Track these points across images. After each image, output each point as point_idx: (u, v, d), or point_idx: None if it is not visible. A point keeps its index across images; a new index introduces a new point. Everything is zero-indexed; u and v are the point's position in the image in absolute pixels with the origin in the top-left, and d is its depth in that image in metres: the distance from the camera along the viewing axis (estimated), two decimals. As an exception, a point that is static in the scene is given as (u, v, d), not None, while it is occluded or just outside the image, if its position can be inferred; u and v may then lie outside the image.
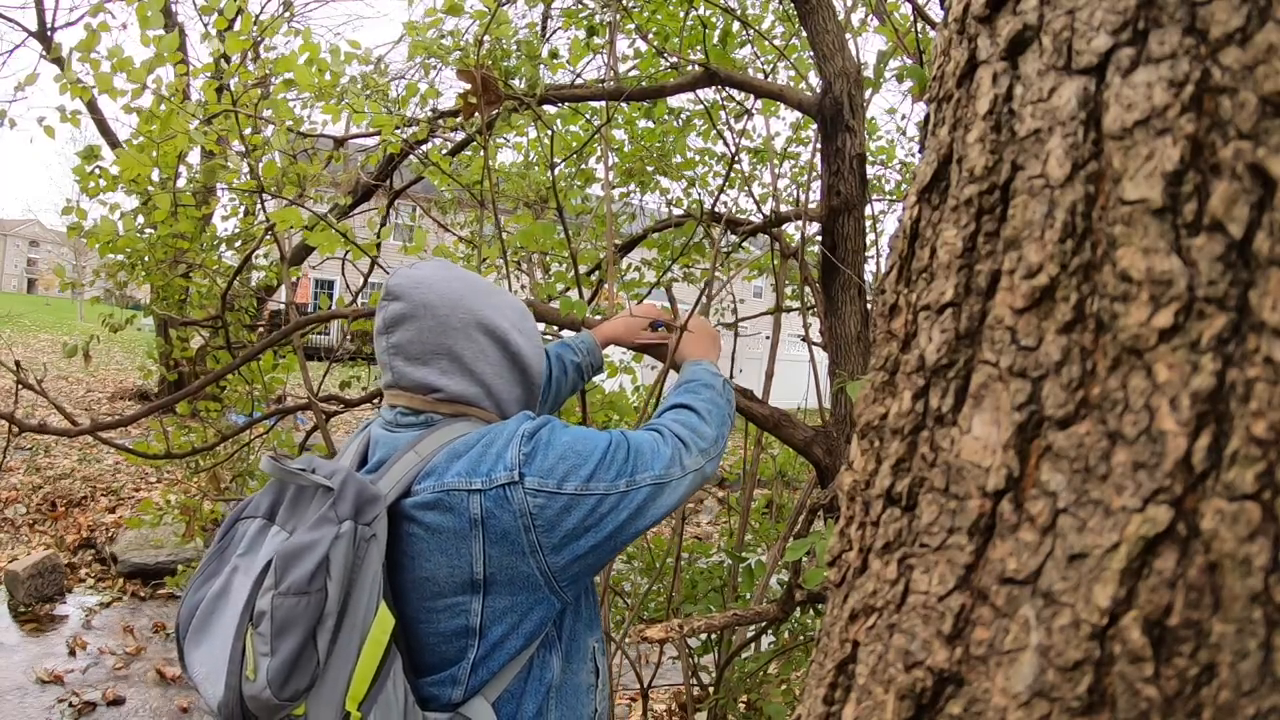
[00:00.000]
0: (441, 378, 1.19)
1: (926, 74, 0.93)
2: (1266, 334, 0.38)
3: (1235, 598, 0.38)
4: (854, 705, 0.53)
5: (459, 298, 1.20)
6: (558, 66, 3.54)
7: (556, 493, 1.08)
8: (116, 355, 16.60)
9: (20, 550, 6.04)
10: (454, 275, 1.24)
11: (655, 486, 1.16)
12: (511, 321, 1.24)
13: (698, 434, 1.27)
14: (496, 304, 1.24)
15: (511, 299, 1.28)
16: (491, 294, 1.25)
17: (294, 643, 0.97)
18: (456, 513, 1.08)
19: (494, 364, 1.23)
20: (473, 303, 1.21)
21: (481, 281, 1.26)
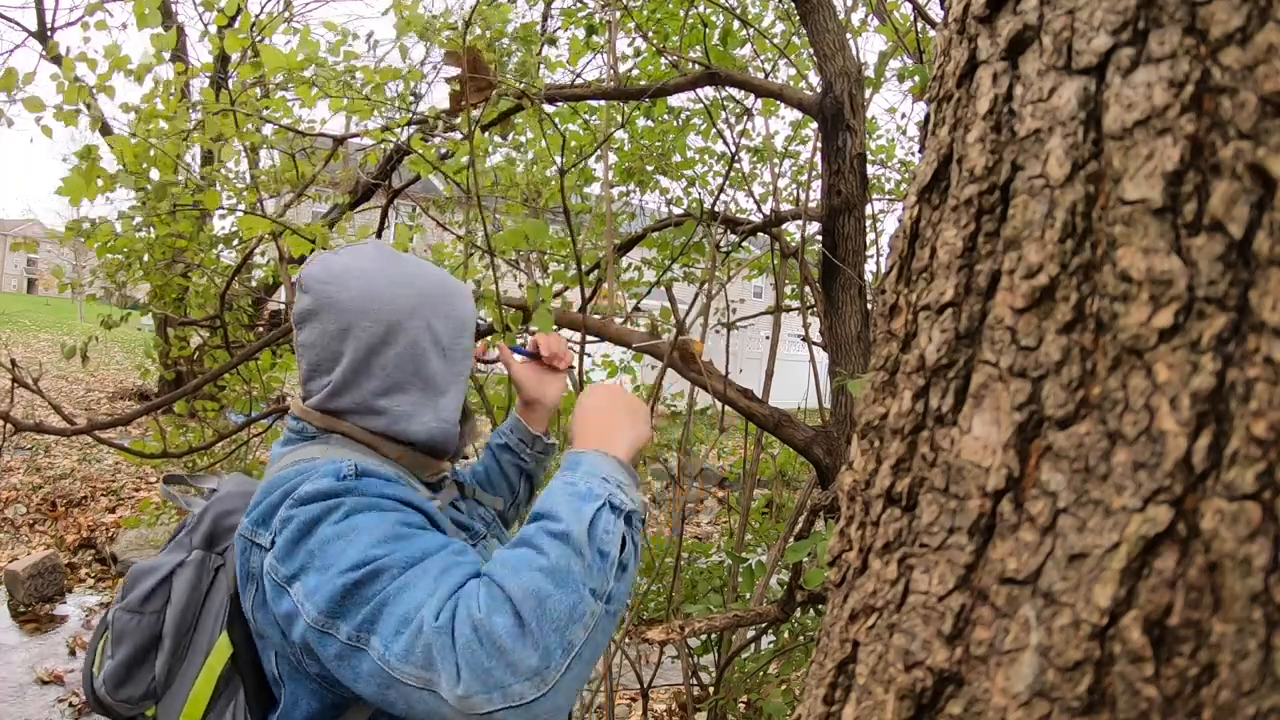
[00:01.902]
0: (326, 389, 1.03)
1: (928, 73, 0.93)
2: (1266, 334, 0.38)
3: (1235, 597, 0.38)
4: (854, 705, 0.53)
5: (374, 298, 1.02)
6: (557, 65, 3.54)
7: (283, 587, 0.87)
8: (116, 355, 16.60)
9: (20, 550, 6.04)
10: (380, 269, 1.05)
11: (381, 676, 0.79)
12: (436, 337, 1.05)
13: (503, 650, 0.76)
14: (425, 310, 1.04)
15: (454, 308, 1.08)
16: (426, 297, 1.05)
17: (124, 655, 1.04)
18: (240, 560, 0.96)
19: (394, 382, 1.04)
20: (392, 306, 1.03)
21: (419, 279, 1.06)
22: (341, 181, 4.50)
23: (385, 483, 0.94)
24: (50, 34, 8.94)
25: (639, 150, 3.75)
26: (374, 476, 0.95)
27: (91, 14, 2.87)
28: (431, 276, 1.09)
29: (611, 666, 2.41)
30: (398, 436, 1.05)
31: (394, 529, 0.87)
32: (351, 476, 0.93)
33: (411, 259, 1.11)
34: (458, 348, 1.09)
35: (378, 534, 0.86)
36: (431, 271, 1.10)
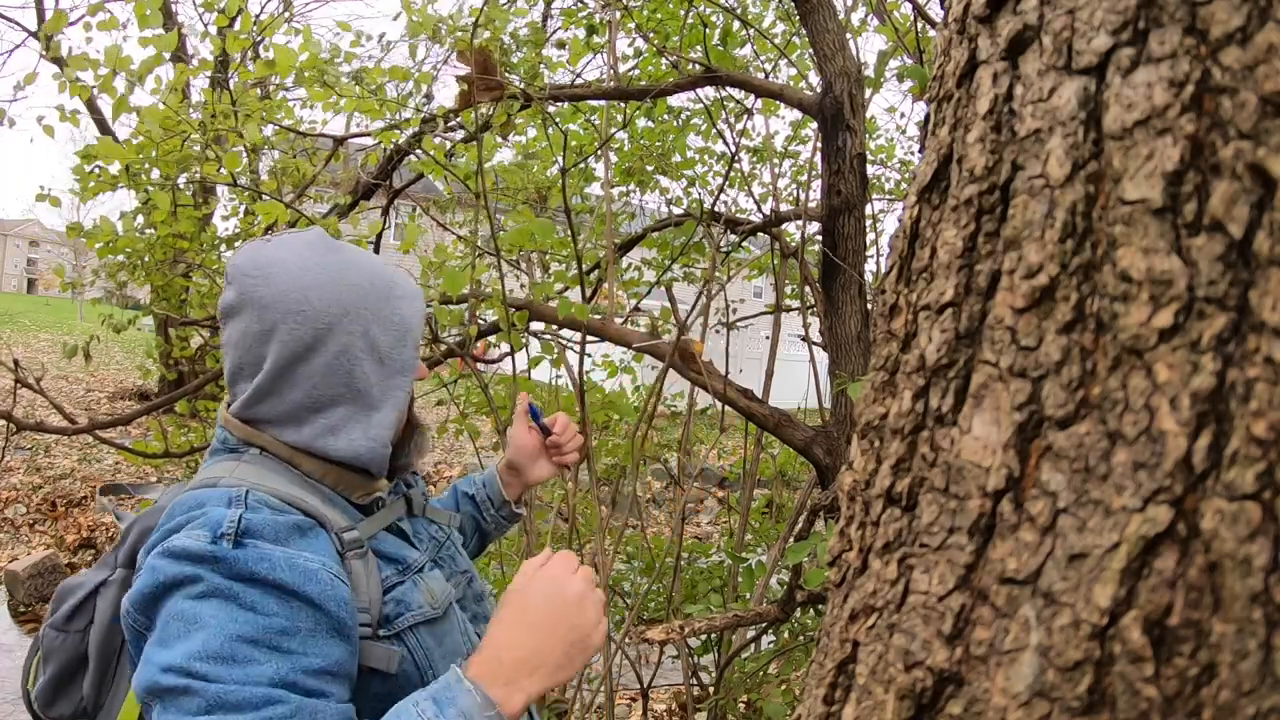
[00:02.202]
0: (246, 395, 0.94)
1: (927, 73, 0.93)
2: (1266, 334, 0.38)
3: (1235, 597, 0.38)
4: (854, 705, 0.53)
5: (303, 296, 0.92)
6: (558, 65, 3.54)
7: (137, 631, 0.81)
8: (116, 355, 16.61)
9: (20, 550, 6.04)
10: (313, 262, 0.93)
11: None
12: (373, 344, 0.95)
13: None
14: (361, 312, 0.94)
15: (396, 310, 0.97)
16: (363, 297, 0.95)
17: (52, 673, 1.00)
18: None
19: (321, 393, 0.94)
20: (322, 306, 0.92)
21: (357, 275, 0.95)
22: (342, 181, 4.50)
23: (271, 548, 0.81)
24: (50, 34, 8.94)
25: (639, 150, 3.74)
26: (259, 539, 0.81)
27: (94, 14, 2.87)
28: (372, 272, 0.97)
29: (611, 666, 2.41)
30: (319, 453, 0.95)
31: (230, 646, 0.75)
32: (230, 537, 0.80)
33: (353, 250, 0.99)
34: (398, 357, 0.97)
35: (214, 642, 0.75)
36: (373, 266, 0.98)
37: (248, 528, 0.81)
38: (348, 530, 0.92)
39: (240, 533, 0.81)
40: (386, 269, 1.00)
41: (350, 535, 0.92)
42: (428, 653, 0.94)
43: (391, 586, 0.95)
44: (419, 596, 0.97)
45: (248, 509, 0.84)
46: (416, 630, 0.94)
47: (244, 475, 0.91)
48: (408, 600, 0.95)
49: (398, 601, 0.94)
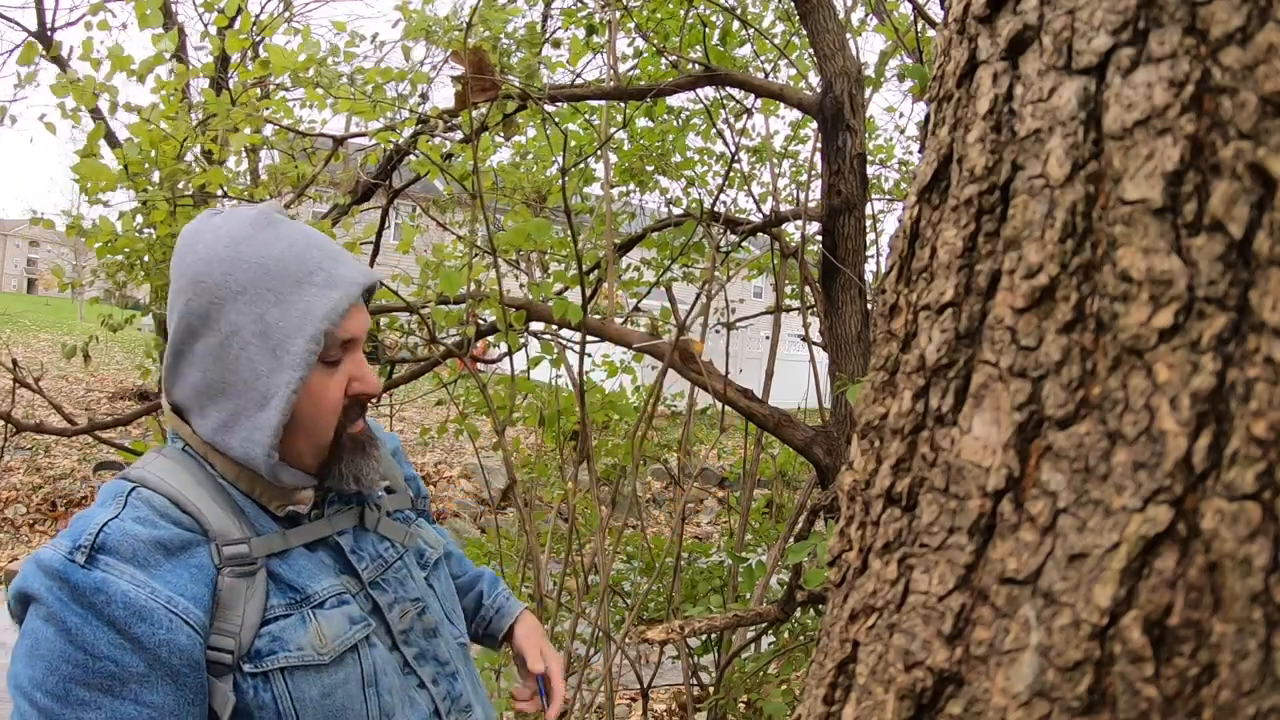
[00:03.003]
0: (162, 373, 0.90)
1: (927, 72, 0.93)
2: (1267, 334, 0.38)
3: (1235, 598, 0.38)
4: (854, 705, 0.53)
5: (207, 268, 0.85)
6: (557, 65, 3.54)
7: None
8: (116, 355, 16.60)
9: (20, 550, 6.04)
10: (235, 233, 0.87)
11: None
12: (265, 329, 0.85)
13: None
14: (259, 291, 0.85)
15: (301, 296, 0.85)
16: (266, 275, 0.85)
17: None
18: None
19: (208, 379, 0.86)
20: (219, 280, 0.85)
21: (272, 252, 0.86)
22: (342, 182, 4.50)
23: (117, 574, 0.77)
24: (51, 34, 8.94)
25: (639, 150, 3.75)
26: (113, 556, 0.78)
27: (94, 14, 2.87)
28: (294, 253, 0.87)
29: (611, 666, 2.41)
30: (221, 450, 0.88)
31: (64, 686, 0.75)
32: (84, 551, 0.77)
33: (292, 228, 0.90)
34: (293, 349, 0.85)
35: (50, 679, 0.75)
36: (298, 247, 0.88)
37: (104, 543, 0.78)
38: (235, 544, 0.85)
39: (95, 548, 0.78)
40: (317, 253, 0.88)
41: (234, 550, 0.85)
42: (299, 704, 0.84)
43: (273, 619, 0.85)
44: (303, 637, 0.86)
45: (122, 511, 0.82)
46: (290, 675, 0.84)
47: (153, 469, 0.87)
48: (285, 638, 0.85)
49: (274, 638, 0.84)
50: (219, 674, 0.81)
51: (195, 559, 0.83)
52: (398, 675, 0.93)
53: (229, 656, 0.82)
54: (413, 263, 3.00)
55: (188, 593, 0.80)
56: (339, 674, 0.87)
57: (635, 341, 2.25)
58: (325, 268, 0.87)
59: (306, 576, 0.90)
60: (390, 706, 0.90)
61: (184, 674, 0.79)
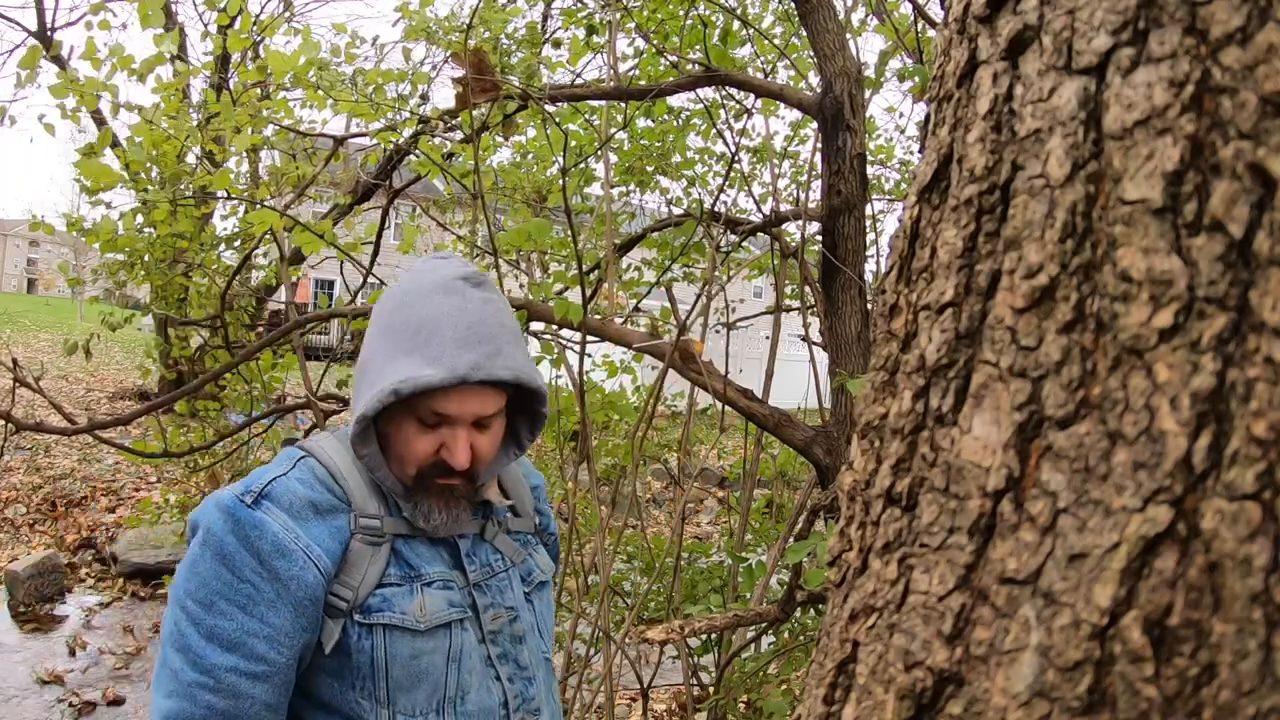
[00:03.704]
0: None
1: (928, 72, 0.92)
2: (1267, 334, 0.38)
3: (1235, 597, 0.38)
4: (854, 705, 0.53)
5: (387, 297, 1.08)
6: (557, 65, 3.54)
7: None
8: (116, 355, 16.60)
9: (20, 550, 6.04)
10: (417, 283, 1.06)
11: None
12: (374, 366, 1.03)
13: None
14: (394, 336, 1.03)
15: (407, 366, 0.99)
16: (403, 333, 1.02)
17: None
18: None
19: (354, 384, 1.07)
20: (383, 314, 1.06)
21: (428, 314, 1.02)
22: (342, 182, 4.50)
23: (272, 519, 0.97)
24: (51, 34, 8.93)
25: (639, 150, 3.74)
26: (274, 504, 0.99)
27: (95, 13, 2.87)
28: (427, 322, 1.04)
29: (611, 666, 2.41)
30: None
31: (210, 596, 0.95)
32: (250, 498, 0.98)
33: (463, 303, 1.05)
34: (367, 394, 1.01)
35: (201, 591, 0.96)
36: (441, 320, 1.04)
37: (269, 492, 0.99)
38: (370, 518, 1.03)
39: (262, 494, 0.99)
40: (449, 333, 1.00)
41: (368, 522, 1.03)
42: (391, 660, 1.00)
43: (387, 585, 1.02)
44: (407, 604, 1.02)
45: (290, 471, 1.02)
46: (389, 632, 1.01)
47: (324, 445, 1.08)
48: (393, 602, 1.02)
49: (384, 599, 1.01)
50: (334, 616, 1.00)
51: (337, 521, 1.02)
52: (481, 663, 1.08)
53: (345, 604, 1.00)
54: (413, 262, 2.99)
55: (324, 545, 0.99)
56: (429, 643, 1.02)
57: (635, 341, 2.25)
58: (445, 347, 0.99)
59: (423, 560, 1.07)
60: (467, 685, 1.05)
61: (305, 606, 0.97)
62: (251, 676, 0.95)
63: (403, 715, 1.01)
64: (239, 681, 0.94)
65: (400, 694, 1.01)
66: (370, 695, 1.00)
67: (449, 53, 2.37)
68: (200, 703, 0.93)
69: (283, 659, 0.97)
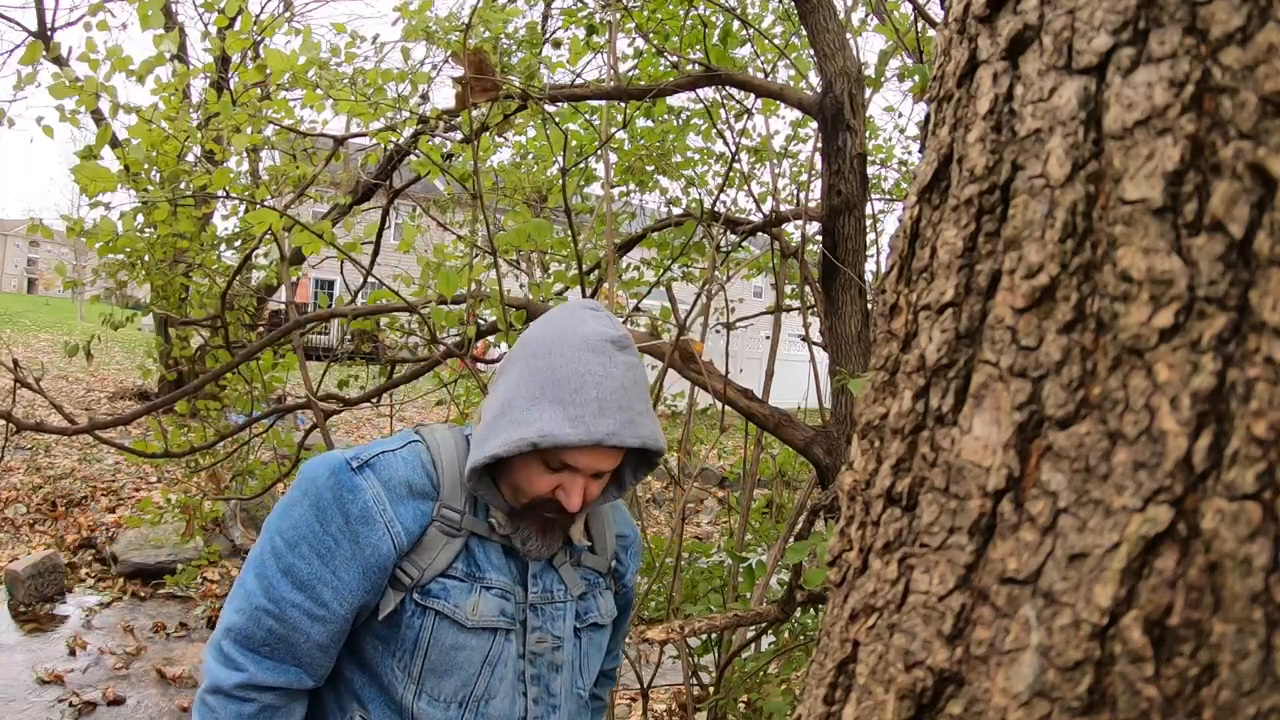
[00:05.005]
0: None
1: (928, 72, 0.92)
2: (1267, 334, 0.38)
3: (1236, 597, 0.38)
4: (854, 705, 0.53)
5: (546, 329, 1.12)
6: (558, 65, 3.54)
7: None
8: (117, 355, 16.60)
9: (20, 550, 6.04)
10: (577, 332, 1.10)
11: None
12: (517, 404, 1.07)
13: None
14: (542, 380, 1.07)
15: (551, 420, 1.03)
16: (552, 381, 1.06)
17: None
18: None
19: (488, 402, 1.13)
20: (538, 346, 1.10)
21: (581, 370, 1.06)
22: (342, 182, 4.50)
23: (370, 487, 1.07)
24: (51, 34, 8.94)
25: (639, 150, 3.74)
26: (375, 473, 1.09)
27: (94, 14, 2.87)
28: (575, 379, 1.07)
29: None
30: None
31: (297, 536, 1.06)
32: (357, 463, 1.08)
33: (610, 366, 1.09)
34: (503, 436, 1.06)
35: (291, 531, 1.06)
36: (588, 379, 1.07)
37: (375, 463, 1.09)
38: (451, 510, 1.11)
39: (367, 463, 1.09)
40: (593, 394, 1.04)
41: (448, 514, 1.11)
42: (433, 644, 1.08)
43: (451, 576, 1.10)
44: (463, 599, 1.10)
45: (400, 450, 1.12)
46: (439, 619, 1.08)
47: (438, 435, 1.16)
48: (451, 592, 1.09)
49: (444, 587, 1.09)
50: (396, 588, 1.08)
51: (423, 505, 1.10)
52: (514, 675, 1.14)
53: (409, 580, 1.08)
54: (413, 263, 3.00)
55: (405, 522, 1.08)
56: (472, 640, 1.10)
57: (635, 341, 2.25)
58: (586, 409, 1.03)
59: (490, 565, 1.14)
60: (495, 690, 1.12)
61: (373, 571, 1.06)
62: (312, 617, 1.05)
63: (428, 696, 1.09)
64: (300, 618, 1.05)
65: (431, 676, 1.09)
66: (405, 668, 1.09)
67: (449, 52, 2.37)
68: (263, 625, 1.05)
69: (343, 610, 1.06)
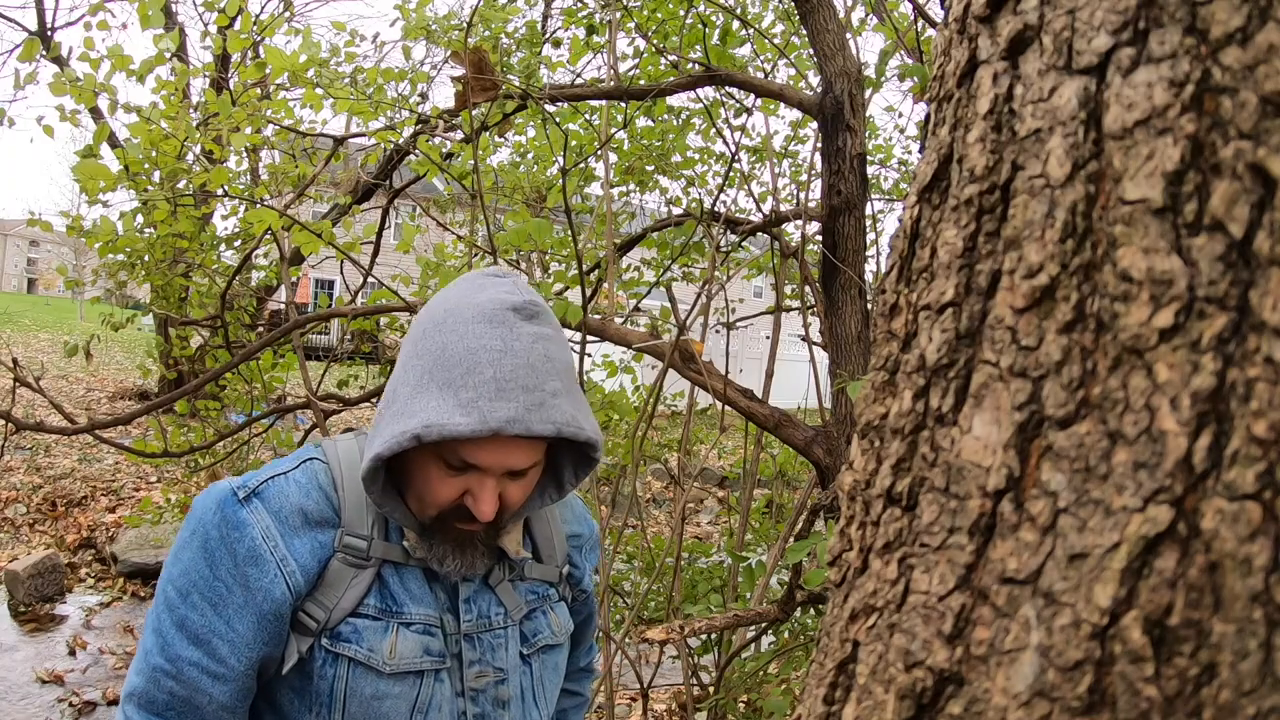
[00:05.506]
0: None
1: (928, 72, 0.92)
2: (1267, 334, 0.38)
3: (1236, 597, 0.38)
4: (854, 705, 0.53)
5: (430, 311, 0.97)
6: (557, 65, 3.54)
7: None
8: (116, 355, 16.60)
9: (20, 550, 6.04)
10: (470, 304, 0.94)
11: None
12: (403, 396, 0.91)
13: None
14: (430, 364, 0.91)
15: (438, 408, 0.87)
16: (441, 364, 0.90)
17: None
18: None
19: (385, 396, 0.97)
20: (420, 331, 0.95)
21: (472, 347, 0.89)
22: (342, 181, 4.50)
23: (257, 520, 0.93)
24: (51, 34, 8.94)
25: (639, 150, 3.74)
26: (264, 503, 0.94)
27: (94, 14, 2.87)
28: (468, 360, 0.92)
29: (611, 666, 2.41)
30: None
31: (188, 586, 0.93)
32: (244, 493, 0.94)
33: (513, 341, 0.92)
34: (388, 429, 0.90)
35: (183, 579, 0.94)
36: (483, 359, 0.92)
37: (264, 491, 0.95)
38: (356, 537, 0.96)
39: (254, 492, 0.94)
40: (490, 374, 0.87)
41: (352, 541, 0.96)
42: (350, 695, 0.94)
43: (363, 615, 0.95)
44: (377, 641, 0.94)
45: (293, 472, 0.97)
46: (354, 666, 0.94)
47: (340, 447, 1.01)
48: (363, 635, 0.95)
49: (355, 630, 0.95)
50: (303, 633, 0.95)
51: (323, 535, 0.96)
52: (451, 717, 0.99)
53: (315, 624, 0.94)
54: (413, 263, 3.00)
55: (301, 559, 0.94)
56: (394, 687, 0.95)
57: (635, 341, 2.25)
58: (481, 392, 0.86)
59: (410, 596, 0.98)
60: None
61: (268, 619, 0.93)
62: (211, 675, 0.92)
63: None
64: (199, 677, 0.92)
65: None
66: None
67: (449, 51, 2.37)
68: (163, 687, 0.92)
69: (240, 666, 0.93)
